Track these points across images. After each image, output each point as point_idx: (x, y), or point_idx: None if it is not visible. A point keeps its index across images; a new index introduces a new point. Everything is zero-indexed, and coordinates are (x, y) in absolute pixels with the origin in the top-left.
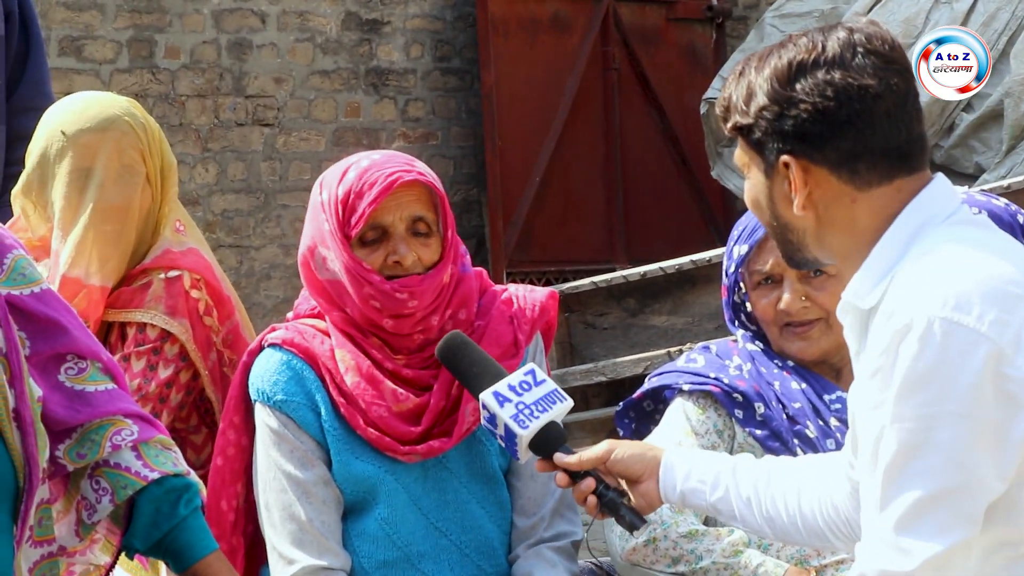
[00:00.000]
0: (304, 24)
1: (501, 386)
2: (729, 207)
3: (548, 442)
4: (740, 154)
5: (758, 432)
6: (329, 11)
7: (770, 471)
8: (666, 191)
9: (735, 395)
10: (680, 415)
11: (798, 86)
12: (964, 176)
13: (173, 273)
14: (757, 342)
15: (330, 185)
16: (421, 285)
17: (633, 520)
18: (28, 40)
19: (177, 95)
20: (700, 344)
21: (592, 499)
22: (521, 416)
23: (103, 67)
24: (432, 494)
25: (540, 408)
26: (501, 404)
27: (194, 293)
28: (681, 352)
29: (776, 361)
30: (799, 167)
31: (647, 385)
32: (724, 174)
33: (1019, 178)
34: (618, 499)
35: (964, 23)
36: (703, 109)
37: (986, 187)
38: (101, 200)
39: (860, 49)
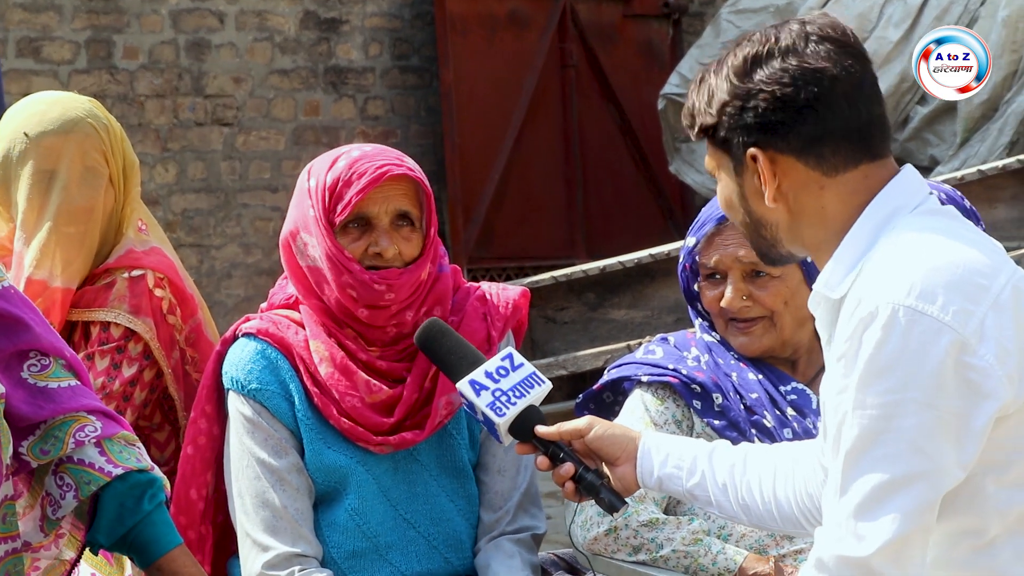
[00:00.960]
0: (262, 23)
1: (478, 373)
2: (687, 202)
3: (527, 426)
4: (709, 158)
5: (716, 422)
6: (287, 10)
7: (746, 457)
8: (625, 186)
9: (693, 386)
10: (639, 406)
11: (756, 77)
12: (919, 168)
13: (137, 272)
14: (714, 333)
15: (318, 172)
16: (400, 279)
17: (613, 501)
18: None
19: (136, 95)
20: (659, 336)
21: (570, 484)
22: (498, 404)
23: (61, 68)
24: (402, 486)
25: (517, 393)
26: (478, 392)
27: (158, 292)
28: (641, 345)
29: (732, 352)
30: (766, 158)
31: (606, 377)
32: (682, 169)
33: (971, 169)
34: (597, 481)
35: (917, 17)
36: (661, 105)
37: (939, 178)
38: (65, 202)
39: (814, 37)
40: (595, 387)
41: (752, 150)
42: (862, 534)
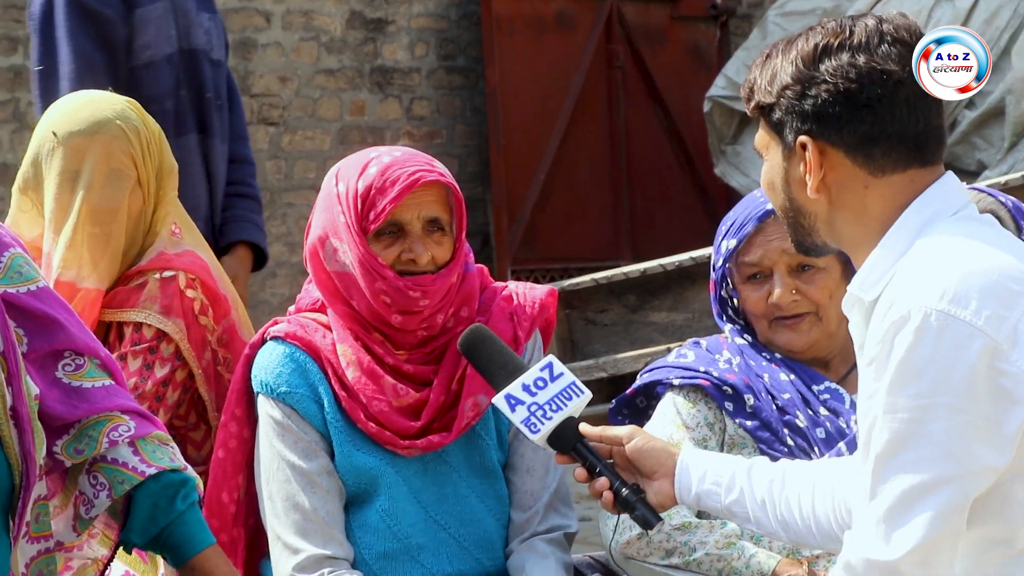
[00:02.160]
0: (309, 23)
1: (515, 387)
2: (733, 204)
3: (564, 438)
4: (760, 135)
5: (748, 423)
6: (334, 10)
7: (784, 473)
8: (670, 189)
9: (724, 388)
10: (671, 409)
11: (822, 67)
12: (966, 173)
13: (168, 273)
14: (745, 335)
15: (348, 178)
16: (434, 284)
17: (648, 517)
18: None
19: None
20: (691, 340)
21: (608, 495)
22: (533, 419)
23: None
24: (431, 487)
25: (554, 407)
26: (513, 408)
27: (189, 292)
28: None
29: (764, 354)
30: (816, 148)
31: (639, 381)
32: (727, 171)
33: (1017, 175)
34: (633, 497)
35: (966, 21)
36: (707, 107)
37: (986, 183)
38: (88, 202)
39: (888, 37)
40: (628, 392)
41: (803, 138)
42: (891, 538)
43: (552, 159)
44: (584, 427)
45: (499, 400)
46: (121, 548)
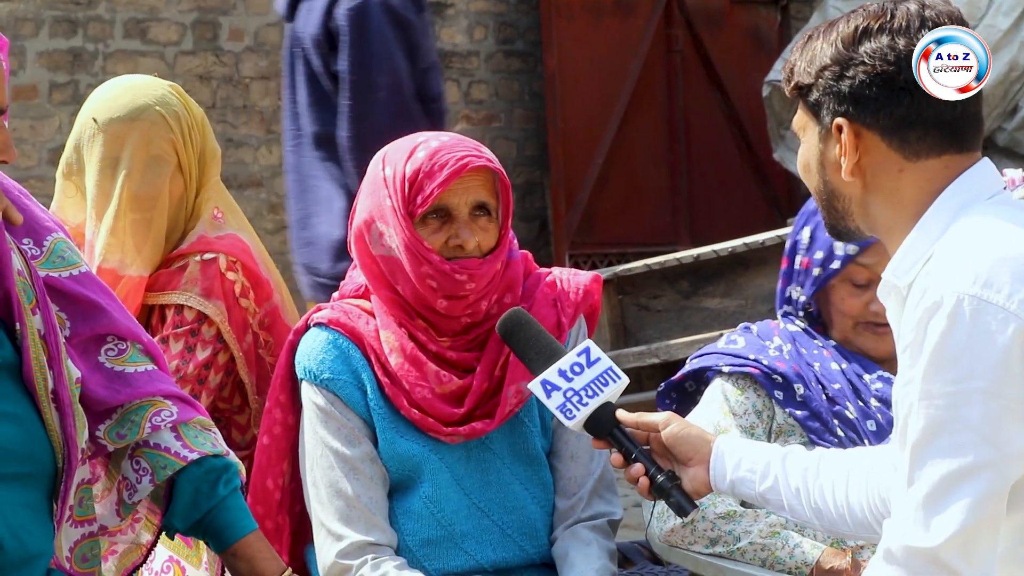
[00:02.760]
0: None
1: (551, 372)
2: (792, 189)
3: (601, 423)
4: (799, 117)
5: (798, 413)
6: None
7: (820, 461)
8: (729, 174)
9: (774, 376)
10: (719, 396)
11: (861, 49)
12: None
13: (209, 255)
14: (798, 322)
15: (395, 162)
16: (480, 269)
17: (683, 504)
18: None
19: (241, 77)
20: (742, 325)
21: (644, 480)
22: (568, 404)
23: (168, 49)
24: (475, 474)
25: (590, 393)
26: (549, 394)
27: (230, 275)
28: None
29: (817, 341)
30: (851, 131)
31: (688, 367)
32: (786, 157)
33: None
34: (668, 483)
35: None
36: (766, 92)
37: None
38: (129, 189)
39: (929, 22)
40: (676, 376)
41: (839, 120)
42: (930, 524)
43: (610, 144)
44: (621, 413)
45: (535, 386)
46: (164, 533)
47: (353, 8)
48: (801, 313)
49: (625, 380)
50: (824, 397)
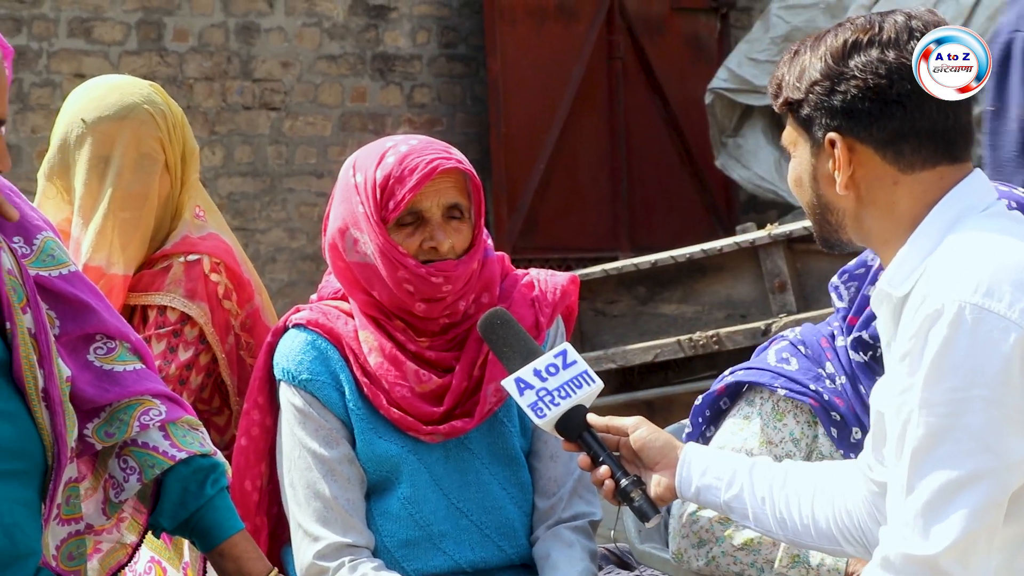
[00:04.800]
0: (311, 9)
1: (526, 372)
2: (732, 197)
3: (571, 425)
4: (788, 132)
5: (851, 456)
6: None
7: (787, 473)
8: (670, 180)
9: (833, 413)
10: (755, 420)
11: (851, 63)
12: None
13: (193, 257)
14: (860, 352)
15: (366, 168)
16: (456, 270)
17: (645, 510)
18: None
19: (185, 78)
20: (786, 339)
21: (610, 483)
22: (540, 403)
23: (112, 48)
24: (454, 475)
25: (562, 394)
26: (521, 392)
27: (213, 276)
28: (691, 340)
29: (878, 377)
30: (845, 145)
31: (733, 377)
32: (728, 164)
33: None
34: (631, 488)
35: (969, 17)
36: (708, 99)
37: None
38: (119, 188)
39: (917, 33)
40: (716, 387)
41: (832, 134)
42: (929, 532)
43: (552, 149)
44: (592, 417)
45: (508, 383)
46: (150, 532)
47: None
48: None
49: (599, 385)
50: None
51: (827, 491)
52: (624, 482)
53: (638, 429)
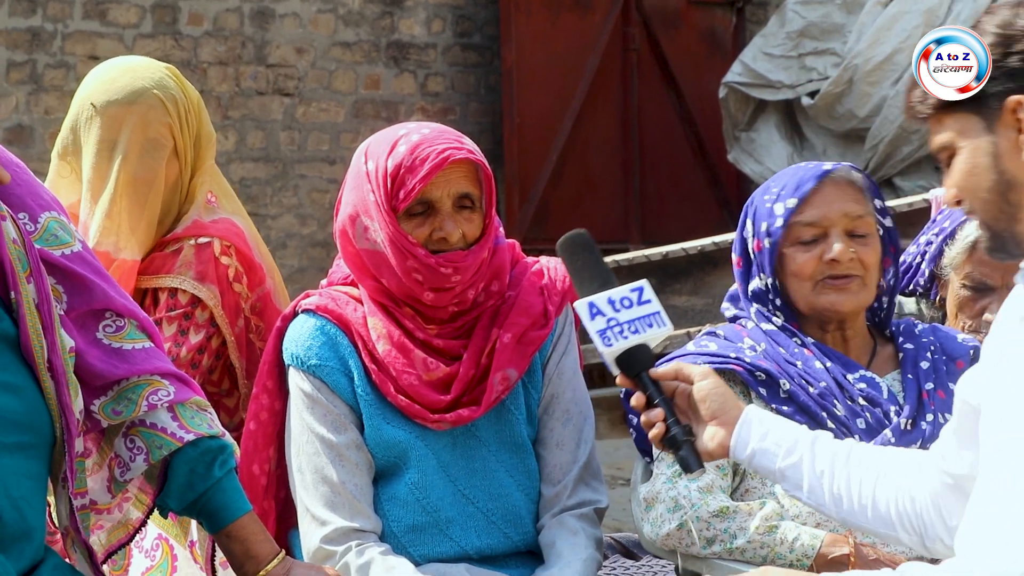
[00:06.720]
0: None
1: (600, 298)
2: (744, 191)
3: (633, 362)
4: (945, 135)
5: (785, 408)
6: None
7: (851, 451)
8: (681, 173)
9: (757, 373)
10: None
11: (1019, 24)
12: None
13: (203, 239)
14: (774, 319)
15: (378, 156)
16: (465, 260)
17: (690, 462)
18: None
19: (199, 62)
20: (706, 330)
21: (661, 427)
22: (609, 332)
23: (127, 31)
24: (461, 461)
25: (632, 329)
26: (592, 316)
27: (224, 259)
28: (699, 332)
29: (795, 339)
30: None
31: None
32: (740, 158)
33: None
34: (682, 437)
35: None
36: (722, 93)
37: None
38: (126, 172)
39: None
40: None
41: (1015, 97)
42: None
43: (565, 140)
44: (656, 370)
45: (580, 305)
46: (157, 512)
47: None
48: (776, 309)
49: (670, 328)
50: (810, 394)
51: (892, 475)
52: (675, 429)
53: (706, 379)
